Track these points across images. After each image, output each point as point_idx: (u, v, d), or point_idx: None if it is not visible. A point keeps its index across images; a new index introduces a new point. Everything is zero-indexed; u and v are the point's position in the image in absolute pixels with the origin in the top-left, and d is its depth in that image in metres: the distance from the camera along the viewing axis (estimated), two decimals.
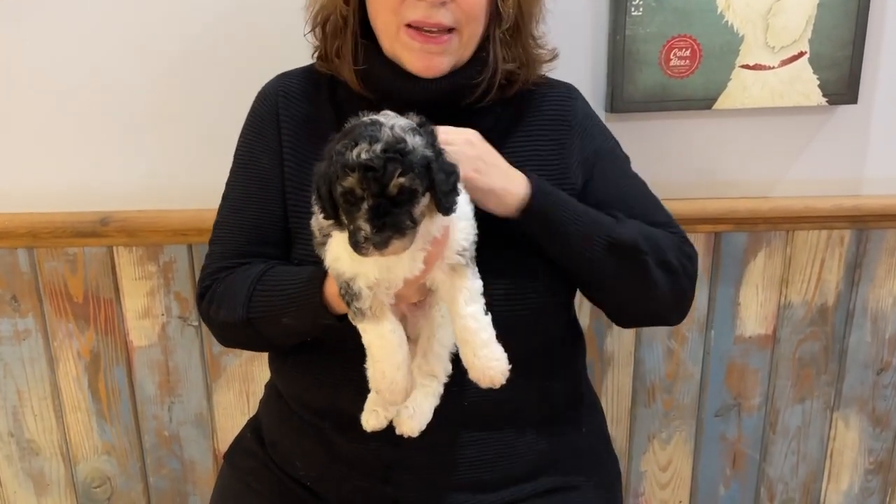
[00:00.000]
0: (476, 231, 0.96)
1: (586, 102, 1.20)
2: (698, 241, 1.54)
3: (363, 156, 0.81)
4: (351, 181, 0.82)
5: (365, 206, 0.82)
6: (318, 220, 0.95)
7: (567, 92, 1.19)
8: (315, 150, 0.99)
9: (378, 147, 0.82)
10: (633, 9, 1.39)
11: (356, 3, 1.09)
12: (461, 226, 0.94)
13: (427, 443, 1.02)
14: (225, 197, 1.18)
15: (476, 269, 0.95)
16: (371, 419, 1.02)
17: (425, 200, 0.86)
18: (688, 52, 1.42)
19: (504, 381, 0.94)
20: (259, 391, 1.32)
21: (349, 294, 0.92)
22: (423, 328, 1.02)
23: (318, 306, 0.99)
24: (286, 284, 1.04)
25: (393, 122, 0.85)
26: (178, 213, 1.46)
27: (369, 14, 1.08)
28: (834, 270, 1.58)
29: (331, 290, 0.97)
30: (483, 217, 0.99)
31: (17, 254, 1.49)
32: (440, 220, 0.90)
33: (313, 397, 1.13)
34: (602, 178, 1.14)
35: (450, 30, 1.04)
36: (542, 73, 1.18)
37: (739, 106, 1.45)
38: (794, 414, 1.68)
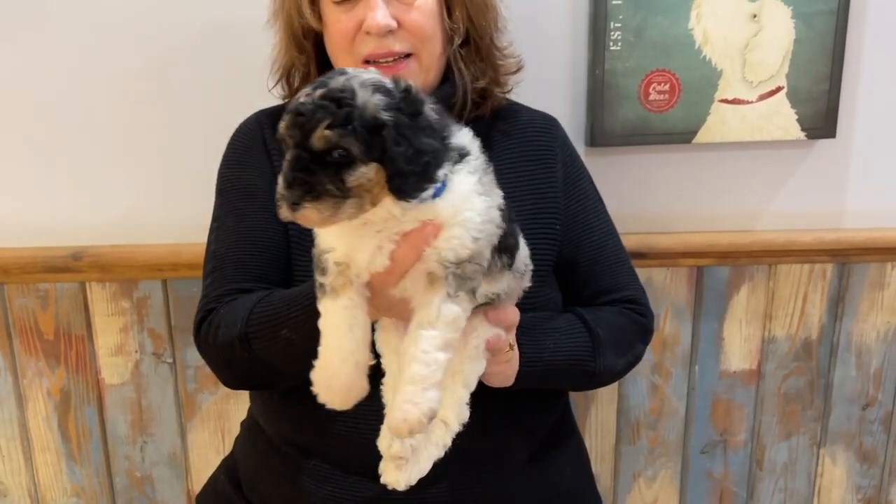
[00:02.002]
0: (505, 264, 0.87)
1: (567, 137, 1.21)
2: (680, 274, 1.53)
3: (301, 100, 0.73)
4: (281, 126, 0.74)
5: (288, 156, 0.73)
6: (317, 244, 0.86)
7: (550, 121, 1.21)
8: None
9: (318, 93, 0.73)
10: (611, 43, 1.39)
11: (313, 51, 1.11)
12: (453, 232, 0.78)
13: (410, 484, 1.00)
14: (219, 227, 1.13)
15: (468, 299, 0.80)
16: (389, 469, 0.90)
17: (369, 171, 0.73)
18: (667, 87, 1.42)
19: (409, 435, 0.79)
20: (235, 429, 1.28)
21: (318, 267, 0.82)
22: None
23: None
24: (288, 294, 0.99)
25: (359, 74, 0.76)
26: (152, 248, 1.44)
27: (329, 57, 1.10)
28: (817, 304, 1.57)
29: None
30: None
31: None
32: (414, 209, 0.78)
33: (298, 436, 1.10)
34: (578, 220, 1.15)
35: (408, 55, 1.05)
36: (510, 87, 1.18)
37: (719, 140, 1.45)
38: (780, 450, 1.65)
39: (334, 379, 0.80)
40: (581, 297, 1.16)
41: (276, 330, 0.97)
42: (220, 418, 1.54)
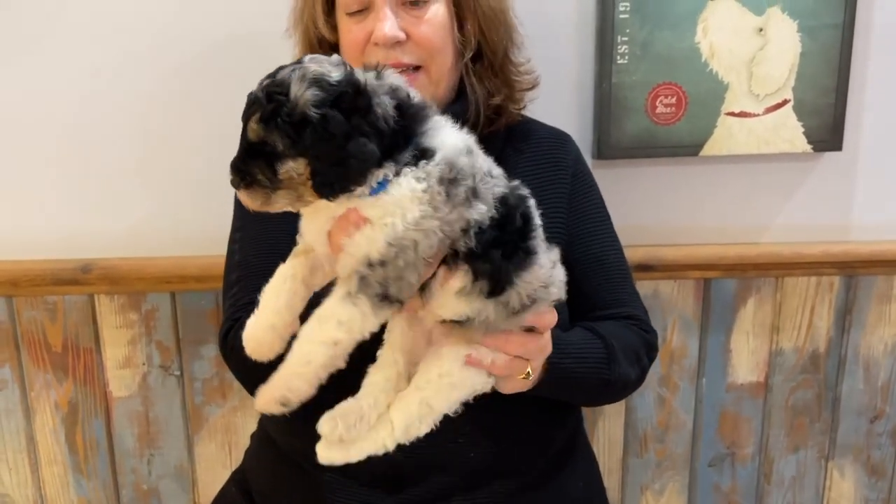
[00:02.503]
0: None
1: (581, 154, 1.22)
2: (687, 286, 1.53)
3: (254, 88, 0.77)
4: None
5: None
6: None
7: (563, 137, 1.21)
8: None
9: (265, 83, 0.76)
10: (618, 57, 1.40)
11: None
12: (369, 232, 0.76)
13: (427, 498, 1.00)
14: (242, 237, 1.14)
15: (372, 304, 0.77)
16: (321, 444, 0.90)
17: (297, 165, 0.75)
18: (674, 100, 1.43)
19: (261, 409, 0.82)
20: (242, 442, 1.28)
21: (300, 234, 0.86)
22: (427, 356, 0.91)
23: None
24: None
25: (309, 65, 0.76)
26: (161, 261, 1.44)
27: None
28: (824, 317, 1.57)
29: None
30: None
31: None
32: (348, 203, 0.78)
33: (312, 446, 1.10)
34: (579, 231, 1.15)
35: (417, 67, 1.05)
36: (524, 104, 1.19)
37: (726, 152, 1.46)
38: (788, 464, 1.65)
39: (251, 329, 0.84)
40: (580, 311, 1.14)
41: None
42: (228, 431, 1.54)
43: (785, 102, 1.44)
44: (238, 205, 1.18)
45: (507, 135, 1.16)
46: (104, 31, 1.37)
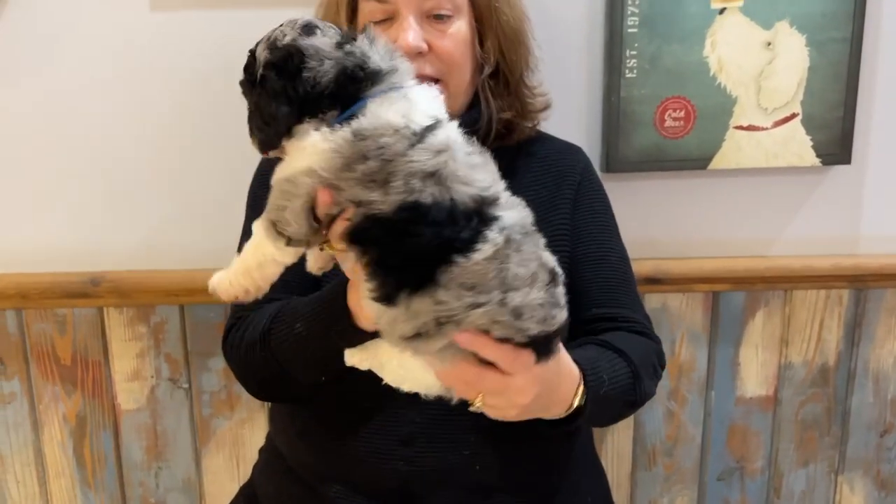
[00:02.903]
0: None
1: (591, 165, 1.22)
2: (696, 299, 1.52)
3: None
4: None
5: None
6: None
7: (574, 149, 1.22)
8: None
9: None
10: (627, 71, 1.41)
11: None
12: (276, 169, 0.85)
13: None
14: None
15: (272, 236, 0.84)
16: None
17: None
18: (682, 113, 1.43)
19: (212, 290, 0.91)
20: (250, 455, 1.28)
21: None
22: None
23: (339, 306, 0.93)
24: (315, 294, 1.01)
25: (285, 31, 0.85)
26: (170, 274, 1.44)
27: None
28: (834, 330, 1.57)
29: (353, 299, 0.91)
30: None
31: (5, 315, 1.46)
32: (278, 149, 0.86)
33: (319, 460, 1.10)
34: (579, 233, 1.14)
35: (436, 81, 1.05)
36: (537, 121, 1.19)
37: (734, 166, 1.46)
38: (798, 478, 1.64)
39: (224, 272, 0.90)
40: (574, 310, 1.07)
41: (292, 325, 0.99)
42: (235, 444, 1.54)
43: (793, 116, 1.44)
44: (249, 208, 1.20)
45: (519, 146, 1.17)
46: (116, 45, 1.38)
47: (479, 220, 0.77)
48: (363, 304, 0.84)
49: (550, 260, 0.83)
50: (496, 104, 1.11)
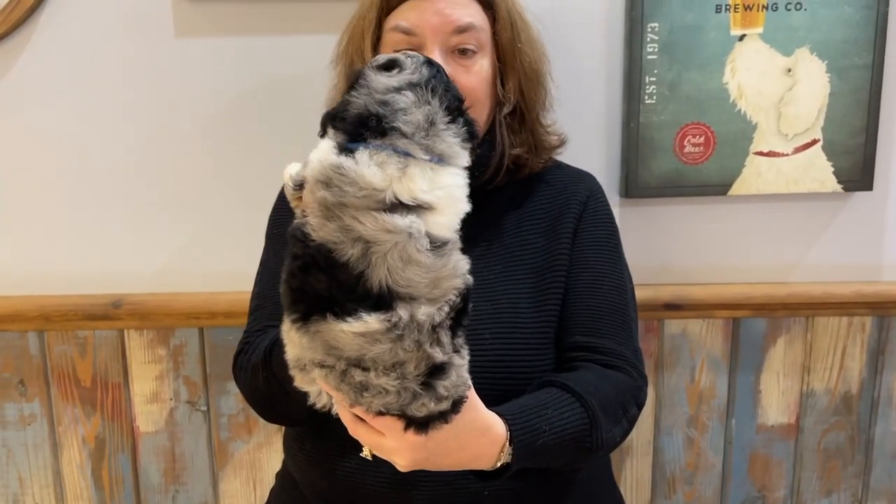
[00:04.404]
0: None
1: (602, 192, 1.20)
2: (716, 326, 1.51)
3: None
4: None
5: None
6: None
7: (584, 175, 1.21)
8: None
9: None
10: (646, 97, 1.41)
11: None
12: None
13: None
14: (263, 271, 1.18)
15: None
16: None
17: None
18: (702, 139, 1.43)
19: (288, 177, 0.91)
20: (267, 479, 1.28)
21: None
22: None
23: None
24: None
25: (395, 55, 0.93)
26: (190, 297, 1.45)
27: None
28: (856, 358, 1.55)
29: None
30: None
31: (27, 337, 1.47)
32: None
33: (332, 487, 1.09)
34: (580, 263, 1.12)
35: None
36: (552, 157, 1.19)
37: (755, 192, 1.45)
38: None
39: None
40: (560, 343, 1.08)
41: None
42: (253, 467, 1.54)
43: (814, 142, 1.44)
44: (266, 238, 1.20)
45: (527, 179, 1.16)
46: (140, 70, 1.40)
47: (373, 303, 0.77)
48: None
49: (440, 356, 0.80)
50: (509, 140, 1.11)
